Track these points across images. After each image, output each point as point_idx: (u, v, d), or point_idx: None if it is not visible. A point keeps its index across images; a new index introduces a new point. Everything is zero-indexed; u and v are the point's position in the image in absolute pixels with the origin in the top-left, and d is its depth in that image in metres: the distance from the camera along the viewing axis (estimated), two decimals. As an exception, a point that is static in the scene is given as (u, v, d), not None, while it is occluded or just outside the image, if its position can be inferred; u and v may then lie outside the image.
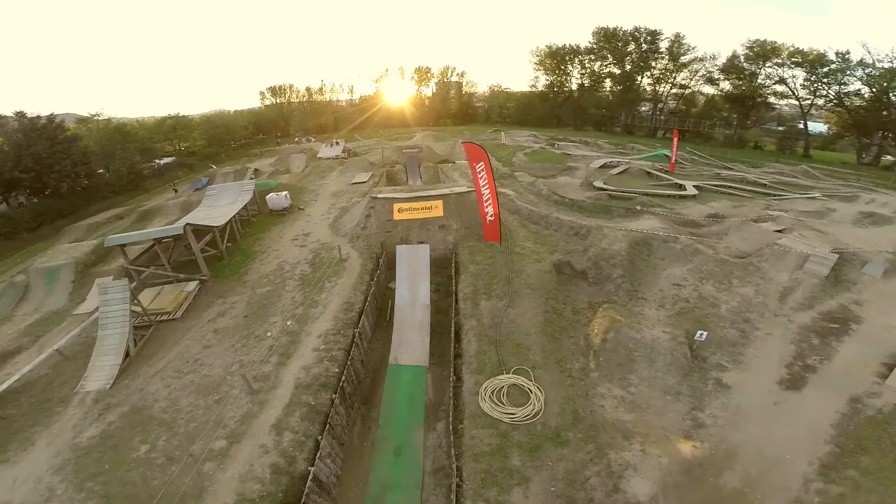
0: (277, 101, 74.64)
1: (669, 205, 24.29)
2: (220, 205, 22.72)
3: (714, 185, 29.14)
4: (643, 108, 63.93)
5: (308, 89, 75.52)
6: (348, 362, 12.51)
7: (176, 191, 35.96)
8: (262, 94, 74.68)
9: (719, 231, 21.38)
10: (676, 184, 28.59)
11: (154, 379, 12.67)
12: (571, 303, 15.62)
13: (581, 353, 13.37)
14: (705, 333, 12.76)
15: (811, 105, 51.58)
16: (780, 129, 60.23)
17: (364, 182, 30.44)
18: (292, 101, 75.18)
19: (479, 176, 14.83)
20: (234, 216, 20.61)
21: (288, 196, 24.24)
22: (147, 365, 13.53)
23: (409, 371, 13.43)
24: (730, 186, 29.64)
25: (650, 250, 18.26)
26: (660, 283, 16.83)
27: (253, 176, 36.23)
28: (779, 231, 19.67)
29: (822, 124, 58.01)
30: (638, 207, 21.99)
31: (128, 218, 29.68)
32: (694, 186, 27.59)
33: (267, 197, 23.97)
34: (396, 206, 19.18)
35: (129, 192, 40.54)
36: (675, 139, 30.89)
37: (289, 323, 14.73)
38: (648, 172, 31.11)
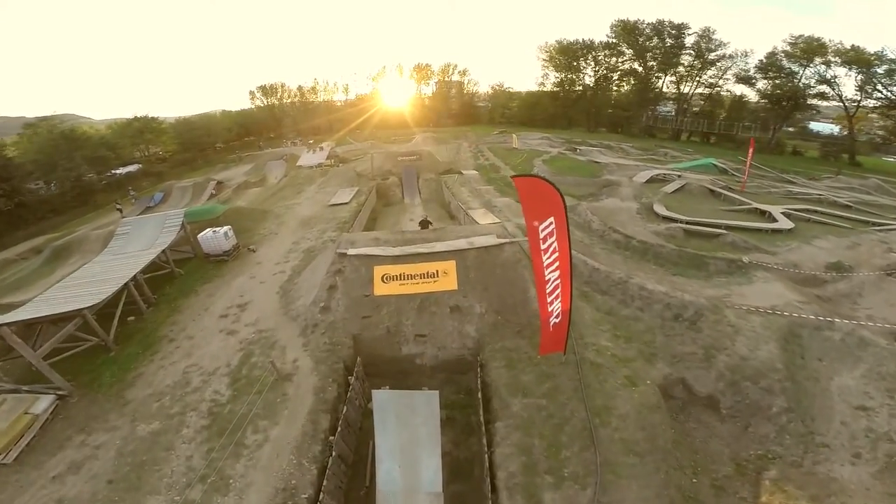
0: (268, 101, 66.49)
1: (766, 245, 16.39)
2: (126, 252, 14.65)
3: (796, 210, 21.25)
4: (664, 109, 55.50)
5: (300, 88, 67.26)
6: None
7: (121, 210, 27.58)
8: (251, 93, 66.69)
9: (849, 291, 13.78)
10: (756, 209, 20.68)
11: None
12: (705, 467, 7.70)
13: None
14: None
15: (857, 107, 43.71)
16: (791, 130, 53.09)
17: (346, 203, 22.29)
18: (284, 101, 66.88)
19: (547, 245, 6.85)
20: (132, 278, 12.50)
21: (230, 233, 15.94)
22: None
23: None
24: (816, 211, 21.85)
25: (801, 346, 10.45)
26: (836, 408, 9.13)
27: (214, 192, 28.04)
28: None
29: (828, 125, 51.14)
30: (745, 259, 14.04)
31: (42, 255, 21.51)
32: (782, 214, 19.71)
33: (199, 236, 15.71)
34: (379, 270, 10.99)
35: (75, 209, 32.26)
36: (752, 150, 22.50)
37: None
38: (711, 190, 23.12)
